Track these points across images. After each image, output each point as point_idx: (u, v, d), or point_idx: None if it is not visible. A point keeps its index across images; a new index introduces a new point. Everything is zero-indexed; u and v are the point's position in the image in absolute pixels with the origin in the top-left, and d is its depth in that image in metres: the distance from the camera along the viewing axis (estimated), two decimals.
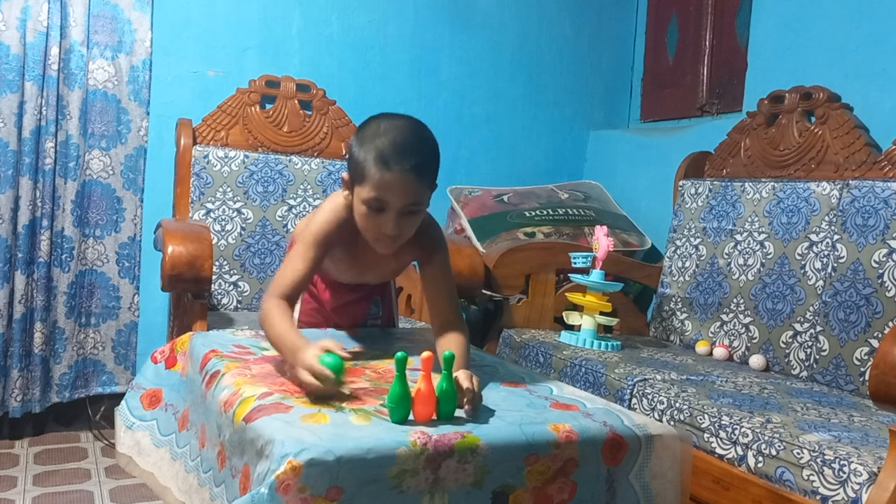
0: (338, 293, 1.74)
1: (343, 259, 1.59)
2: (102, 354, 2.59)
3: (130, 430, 1.51)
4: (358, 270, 1.63)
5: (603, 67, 3.22)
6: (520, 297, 2.48)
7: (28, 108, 2.37)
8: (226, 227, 2.50)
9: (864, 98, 2.15)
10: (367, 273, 1.66)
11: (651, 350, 2.25)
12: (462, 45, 2.97)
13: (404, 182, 1.36)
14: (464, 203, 2.83)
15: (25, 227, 2.39)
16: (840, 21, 2.24)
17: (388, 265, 1.63)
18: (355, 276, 1.67)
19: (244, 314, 2.39)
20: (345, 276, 1.67)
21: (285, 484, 0.96)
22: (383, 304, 1.86)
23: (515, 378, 1.44)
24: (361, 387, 1.28)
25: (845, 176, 2.08)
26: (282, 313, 1.40)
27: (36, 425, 2.53)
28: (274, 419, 1.08)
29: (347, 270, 1.64)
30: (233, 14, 2.66)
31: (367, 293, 1.79)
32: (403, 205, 1.39)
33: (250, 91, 2.62)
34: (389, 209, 1.39)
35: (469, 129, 3.03)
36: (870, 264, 1.91)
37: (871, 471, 1.29)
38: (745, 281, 2.22)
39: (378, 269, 1.64)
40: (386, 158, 1.35)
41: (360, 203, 1.41)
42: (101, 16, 2.48)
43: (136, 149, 2.57)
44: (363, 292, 1.78)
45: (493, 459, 1.08)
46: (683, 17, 3.01)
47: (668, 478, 1.22)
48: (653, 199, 2.83)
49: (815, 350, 1.99)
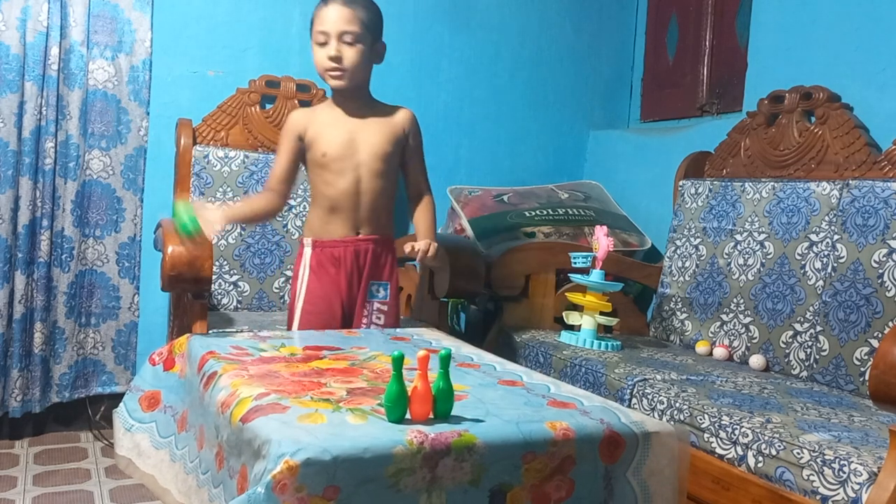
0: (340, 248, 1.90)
1: (328, 129, 1.88)
2: (102, 354, 2.59)
3: (130, 433, 1.51)
4: (348, 136, 1.88)
5: (603, 67, 3.22)
6: (520, 297, 2.48)
7: (28, 108, 2.37)
8: (226, 226, 2.50)
9: (864, 98, 2.15)
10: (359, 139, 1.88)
11: (651, 350, 2.24)
12: (462, 45, 2.97)
13: (339, 11, 1.80)
14: (464, 203, 2.83)
15: (25, 227, 2.39)
16: (840, 21, 2.24)
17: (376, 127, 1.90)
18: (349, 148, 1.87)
19: (244, 314, 2.39)
20: (340, 150, 1.87)
21: (282, 483, 0.95)
22: (390, 290, 1.94)
23: (513, 377, 1.44)
24: (359, 386, 1.28)
25: (845, 176, 2.07)
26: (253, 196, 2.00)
27: (36, 425, 2.53)
28: (271, 419, 1.07)
29: (338, 140, 1.87)
30: (233, 14, 2.66)
31: (370, 247, 1.92)
32: (339, 31, 1.79)
33: (250, 91, 2.63)
34: (330, 38, 1.80)
35: (469, 130, 3.03)
36: (870, 264, 1.90)
37: (871, 471, 1.29)
38: (745, 281, 2.22)
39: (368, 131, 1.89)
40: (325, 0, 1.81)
41: (314, 45, 1.83)
42: (101, 16, 2.48)
43: (136, 149, 2.57)
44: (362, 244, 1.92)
45: (490, 458, 1.08)
46: (683, 17, 3.01)
47: (665, 475, 1.21)
48: (653, 199, 2.83)
49: (815, 350, 1.99)
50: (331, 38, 1.81)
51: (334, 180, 1.88)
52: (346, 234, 1.89)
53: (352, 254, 1.89)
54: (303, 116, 1.93)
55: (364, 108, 1.92)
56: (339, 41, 1.81)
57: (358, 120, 1.90)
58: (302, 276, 1.90)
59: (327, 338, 1.68)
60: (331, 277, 1.89)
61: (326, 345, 1.59)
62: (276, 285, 2.53)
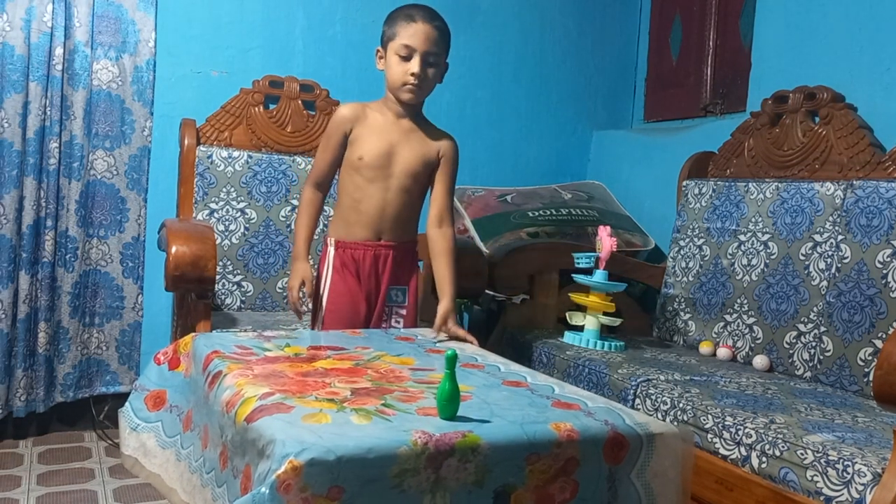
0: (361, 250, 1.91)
1: (371, 134, 1.89)
2: (106, 354, 2.60)
3: (135, 432, 1.51)
4: (387, 148, 1.88)
5: (606, 68, 3.21)
6: (523, 297, 2.48)
7: (32, 108, 2.37)
8: (229, 227, 2.51)
9: (868, 98, 2.14)
10: (396, 152, 1.89)
11: (654, 350, 2.24)
12: (465, 45, 2.96)
13: (427, 31, 1.83)
14: (467, 203, 2.83)
15: (30, 227, 2.39)
16: (844, 21, 2.24)
17: (415, 145, 1.91)
18: (385, 158, 1.88)
19: (248, 314, 2.39)
20: (376, 159, 1.88)
21: (286, 483, 0.96)
22: (409, 294, 1.95)
23: (517, 377, 1.44)
24: (363, 386, 1.28)
25: (849, 176, 2.07)
26: (306, 203, 1.93)
27: (40, 425, 2.54)
28: (275, 419, 1.08)
29: (377, 150, 1.88)
30: (236, 14, 2.66)
31: (390, 253, 1.92)
32: (426, 51, 1.83)
33: (254, 91, 2.63)
34: (415, 55, 1.82)
35: (472, 130, 3.02)
36: (874, 265, 1.90)
37: (875, 471, 1.29)
38: (748, 281, 2.22)
39: (407, 146, 1.89)
40: (412, 15, 1.84)
41: (393, 55, 1.84)
42: (105, 16, 2.49)
43: (139, 149, 2.57)
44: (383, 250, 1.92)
45: (494, 458, 1.08)
46: (687, 17, 3.00)
47: (669, 476, 1.21)
48: (656, 200, 2.83)
49: (818, 350, 1.99)
50: (416, 54, 1.82)
51: (364, 185, 1.88)
52: (367, 238, 1.90)
53: (371, 257, 1.89)
54: (353, 112, 1.91)
55: (412, 123, 1.92)
56: (423, 59, 1.83)
57: (402, 133, 1.90)
58: (326, 276, 1.91)
59: (332, 338, 1.68)
60: (353, 278, 1.90)
61: (331, 345, 1.59)
62: (279, 285, 2.54)
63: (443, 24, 1.88)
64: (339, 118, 1.92)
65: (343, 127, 1.90)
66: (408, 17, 1.83)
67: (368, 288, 1.90)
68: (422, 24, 1.83)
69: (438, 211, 1.94)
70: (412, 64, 1.82)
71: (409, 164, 1.90)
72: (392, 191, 1.89)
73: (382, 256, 1.90)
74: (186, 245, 1.93)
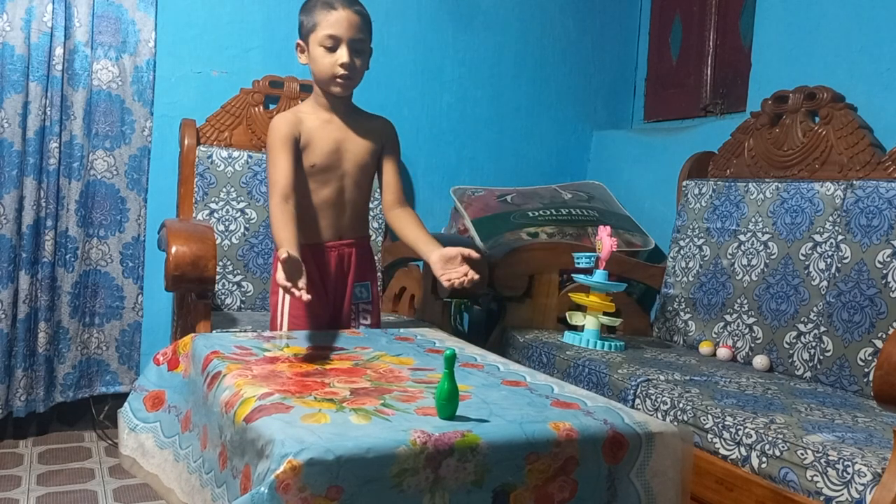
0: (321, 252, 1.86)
1: (315, 139, 1.82)
2: (106, 354, 2.60)
3: (134, 433, 1.51)
4: (334, 147, 1.83)
5: (606, 68, 3.21)
6: (523, 297, 2.48)
7: (32, 108, 2.37)
8: (229, 227, 2.51)
9: (868, 98, 2.14)
10: (345, 149, 1.84)
11: (654, 350, 2.24)
12: (465, 45, 2.97)
13: (350, 18, 1.75)
14: (467, 203, 2.83)
15: (30, 227, 2.39)
16: (844, 21, 2.23)
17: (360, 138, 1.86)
18: (335, 158, 1.84)
19: (248, 314, 2.39)
20: (327, 162, 1.83)
21: (285, 483, 0.96)
22: (372, 290, 1.94)
23: (516, 377, 1.44)
24: (362, 386, 1.28)
25: (849, 176, 2.07)
26: (277, 212, 1.72)
27: (40, 425, 2.54)
28: (274, 419, 1.08)
29: (325, 151, 1.82)
30: (236, 14, 2.66)
31: (350, 249, 1.90)
32: (351, 38, 1.74)
33: (254, 91, 2.63)
34: (342, 44, 1.74)
35: (472, 130, 3.02)
36: (874, 265, 1.90)
37: (875, 471, 1.29)
38: (748, 281, 2.22)
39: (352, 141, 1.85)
40: (331, 2, 1.74)
41: (317, 47, 1.76)
42: (105, 16, 2.49)
43: (139, 149, 2.57)
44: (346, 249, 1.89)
45: (493, 458, 1.08)
46: (687, 17, 3.00)
47: (668, 476, 1.21)
48: (656, 200, 2.83)
49: (818, 351, 1.99)
50: (342, 43, 1.75)
51: (318, 189, 1.84)
52: (329, 239, 1.87)
53: (336, 258, 1.87)
54: (291, 120, 1.81)
55: (349, 116, 1.88)
56: (350, 48, 1.76)
57: (343, 128, 1.86)
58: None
59: (331, 338, 1.68)
60: (314, 282, 1.81)
61: (330, 345, 1.59)
62: None
63: (362, 8, 1.80)
64: (281, 129, 1.79)
65: (291, 135, 1.79)
66: (326, 6, 1.75)
67: (334, 289, 1.88)
68: (343, 11, 1.75)
69: (395, 195, 1.91)
70: (340, 54, 1.75)
71: (358, 158, 1.86)
72: (348, 189, 1.87)
73: (346, 255, 1.89)
74: (186, 245, 1.93)
